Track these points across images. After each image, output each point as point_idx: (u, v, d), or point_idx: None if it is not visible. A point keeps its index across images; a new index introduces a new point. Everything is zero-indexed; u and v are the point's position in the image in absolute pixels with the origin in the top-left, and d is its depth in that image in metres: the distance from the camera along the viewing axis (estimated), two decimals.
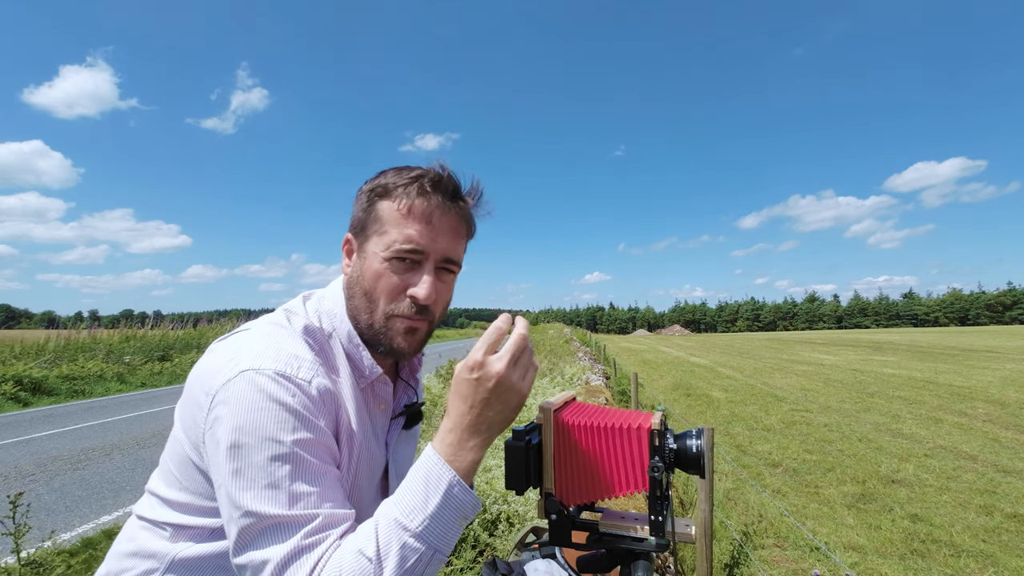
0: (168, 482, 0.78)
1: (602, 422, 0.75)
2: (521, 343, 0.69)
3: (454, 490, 0.66)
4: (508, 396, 0.69)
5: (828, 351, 26.77)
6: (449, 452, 0.68)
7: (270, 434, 0.65)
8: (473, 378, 0.67)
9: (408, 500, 0.65)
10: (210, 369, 0.72)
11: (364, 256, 0.81)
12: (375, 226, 0.80)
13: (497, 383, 0.67)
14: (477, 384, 0.67)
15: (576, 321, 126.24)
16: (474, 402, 0.68)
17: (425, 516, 0.64)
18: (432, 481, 0.66)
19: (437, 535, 0.64)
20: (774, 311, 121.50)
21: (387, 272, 0.78)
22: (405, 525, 0.63)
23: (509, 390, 0.68)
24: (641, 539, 0.75)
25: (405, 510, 0.64)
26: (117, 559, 0.80)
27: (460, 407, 0.68)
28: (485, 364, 0.67)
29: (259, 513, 0.62)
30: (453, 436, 0.68)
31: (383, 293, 0.78)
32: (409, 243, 0.77)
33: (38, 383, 11.21)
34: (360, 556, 0.60)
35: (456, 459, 0.67)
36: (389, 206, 0.79)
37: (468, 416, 0.68)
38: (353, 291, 0.82)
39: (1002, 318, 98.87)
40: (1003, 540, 4.51)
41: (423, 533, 0.63)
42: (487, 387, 0.67)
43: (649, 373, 17.62)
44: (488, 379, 0.67)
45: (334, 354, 0.81)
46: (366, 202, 0.81)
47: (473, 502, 0.68)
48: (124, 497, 4.98)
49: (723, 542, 4.38)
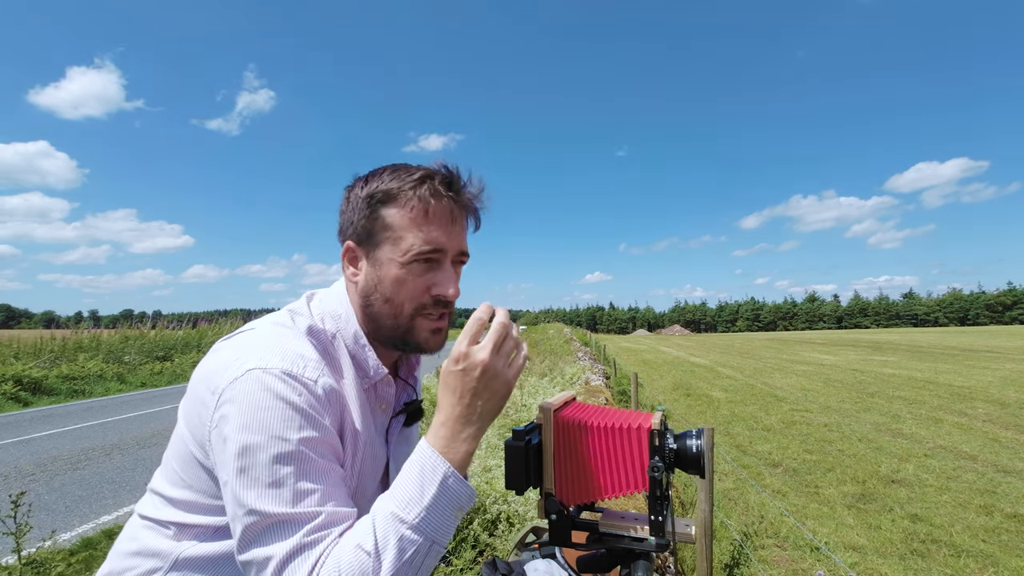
0: (171, 480, 0.78)
1: (602, 422, 0.75)
2: (502, 331, 0.71)
3: (449, 481, 0.67)
4: (495, 384, 0.71)
5: (828, 351, 26.78)
6: (442, 444, 0.69)
7: (276, 432, 0.65)
8: (459, 369, 0.70)
9: (404, 493, 0.66)
10: (216, 368, 0.72)
11: (377, 264, 0.81)
12: (385, 233, 0.80)
13: (483, 372, 0.69)
14: (463, 375, 0.70)
15: (576, 321, 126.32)
16: (462, 393, 0.70)
17: (421, 508, 0.65)
18: (427, 473, 0.67)
19: (433, 526, 0.65)
20: (774, 311, 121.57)
21: (408, 276, 0.79)
22: (402, 517, 0.64)
23: (495, 378, 0.70)
24: (641, 539, 0.76)
25: (401, 503, 0.65)
26: (119, 558, 0.80)
27: (450, 399, 0.70)
28: (469, 355, 0.69)
29: (263, 511, 0.63)
30: (445, 429, 0.70)
31: (407, 297, 0.80)
32: (429, 245, 0.78)
33: (38, 383, 11.22)
34: (358, 550, 0.61)
35: (449, 450, 0.69)
36: (399, 212, 0.79)
37: (458, 407, 0.70)
38: (371, 299, 0.82)
39: (1002, 318, 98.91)
40: (1003, 540, 4.52)
41: (420, 525, 0.64)
42: (473, 377, 0.69)
43: (649, 373, 17.62)
44: (473, 369, 0.69)
45: (338, 354, 0.82)
46: (366, 208, 0.81)
47: (468, 493, 0.69)
48: (124, 497, 4.98)
49: (723, 542, 4.38)
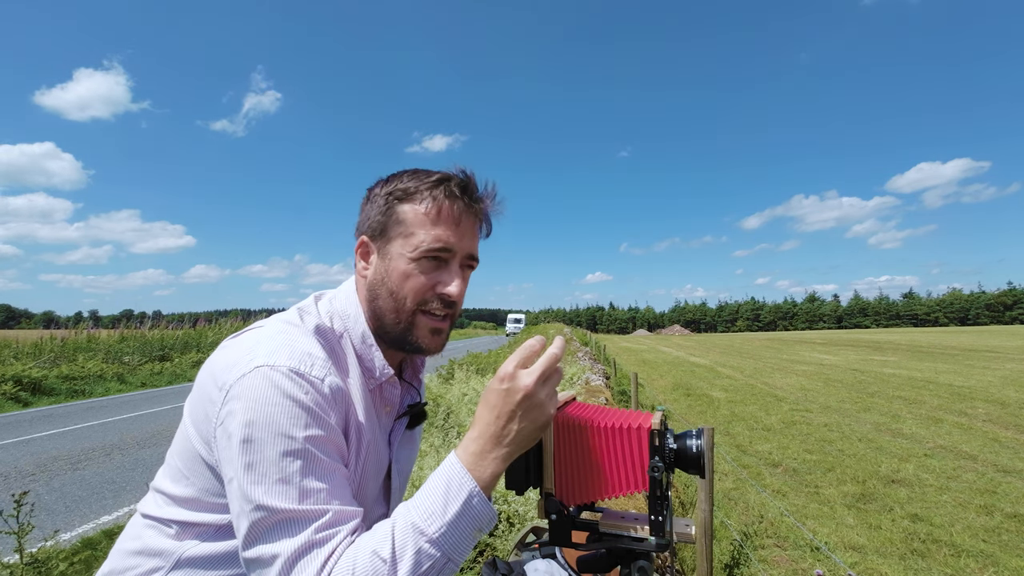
0: (174, 479, 0.78)
1: (602, 422, 0.75)
2: (552, 362, 0.71)
3: (473, 500, 0.66)
4: (535, 413, 0.69)
5: (828, 351, 26.77)
6: (472, 461, 0.68)
7: (283, 429, 0.65)
8: (503, 388, 0.69)
9: (427, 505, 0.65)
10: (224, 364, 0.73)
11: (388, 258, 0.82)
12: (398, 228, 0.81)
13: (525, 396, 0.68)
14: (506, 395, 0.69)
15: (576, 321, 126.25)
16: (500, 412, 0.69)
17: (443, 523, 0.64)
18: (453, 488, 0.66)
19: (452, 543, 0.64)
20: (774, 311, 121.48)
21: (415, 271, 0.80)
22: (422, 530, 0.63)
23: (536, 407, 0.69)
24: (641, 539, 0.76)
25: (423, 514, 0.64)
26: (121, 557, 0.80)
27: (487, 416, 0.70)
28: (516, 376, 0.69)
29: (270, 507, 0.63)
30: (477, 445, 0.69)
31: (411, 292, 0.81)
32: (439, 242, 0.80)
33: (38, 383, 11.22)
34: (375, 556, 0.61)
35: (477, 469, 0.68)
36: (413, 209, 0.81)
37: (494, 426, 0.69)
38: (377, 292, 0.83)
39: (1002, 318, 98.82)
40: (1003, 540, 4.52)
41: (439, 540, 0.63)
42: (515, 399, 0.68)
43: (649, 373, 17.62)
44: (517, 391, 0.68)
45: (344, 354, 0.82)
46: (384, 205, 0.83)
47: (490, 515, 0.68)
48: (124, 497, 4.98)
49: (723, 542, 4.38)
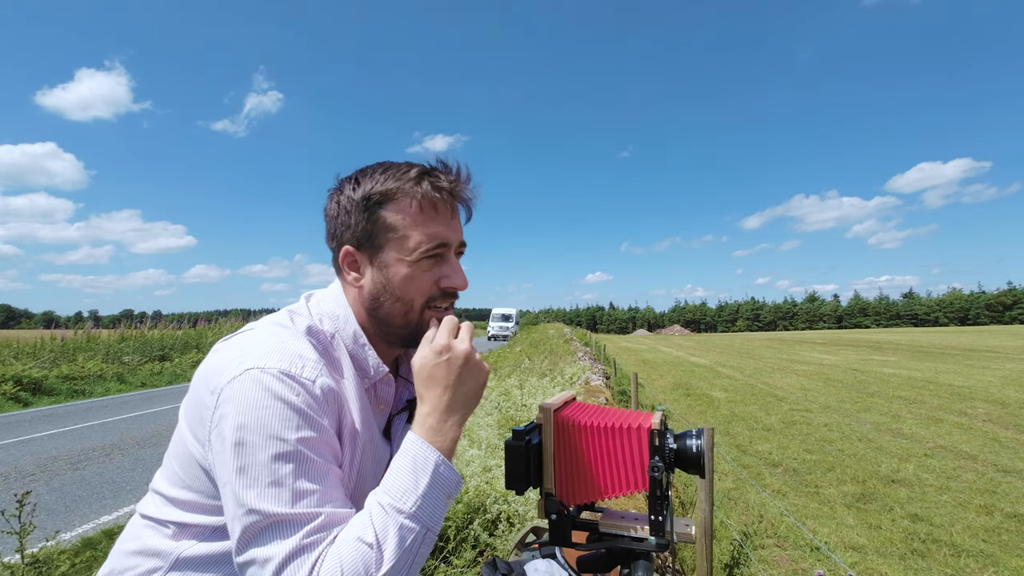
0: (171, 480, 0.78)
1: (602, 422, 0.75)
2: (471, 328, 0.80)
3: (440, 468, 0.70)
4: (476, 372, 0.77)
5: (828, 351, 26.78)
6: (430, 434, 0.72)
7: (274, 432, 0.66)
8: (444, 360, 0.74)
9: (398, 484, 0.68)
10: (216, 368, 0.73)
11: (383, 265, 0.81)
12: (388, 234, 0.80)
13: (465, 360, 0.75)
14: (448, 364, 0.74)
15: (576, 321, 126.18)
16: (448, 383, 0.74)
17: (417, 496, 0.67)
18: (419, 463, 0.70)
19: (428, 513, 0.68)
20: (774, 311, 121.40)
21: (418, 273, 0.81)
22: (399, 507, 0.66)
23: (476, 366, 0.77)
24: (641, 539, 0.76)
25: (396, 494, 0.67)
26: (121, 557, 0.80)
27: (434, 390, 0.74)
28: (452, 347, 0.75)
29: (262, 511, 0.63)
30: (432, 419, 0.73)
31: (418, 293, 0.82)
32: (435, 240, 0.81)
33: (38, 383, 11.22)
34: (359, 543, 0.62)
35: (437, 439, 0.72)
36: (399, 211, 0.80)
37: (444, 397, 0.74)
38: (381, 300, 0.82)
39: (1002, 318, 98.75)
40: (1003, 540, 4.52)
41: (417, 513, 0.67)
42: (458, 365, 0.75)
43: (649, 373, 17.62)
44: (458, 358, 0.75)
45: (337, 354, 0.82)
46: (364, 211, 0.81)
47: (456, 479, 0.72)
48: (124, 497, 4.99)
49: (723, 542, 4.38)
